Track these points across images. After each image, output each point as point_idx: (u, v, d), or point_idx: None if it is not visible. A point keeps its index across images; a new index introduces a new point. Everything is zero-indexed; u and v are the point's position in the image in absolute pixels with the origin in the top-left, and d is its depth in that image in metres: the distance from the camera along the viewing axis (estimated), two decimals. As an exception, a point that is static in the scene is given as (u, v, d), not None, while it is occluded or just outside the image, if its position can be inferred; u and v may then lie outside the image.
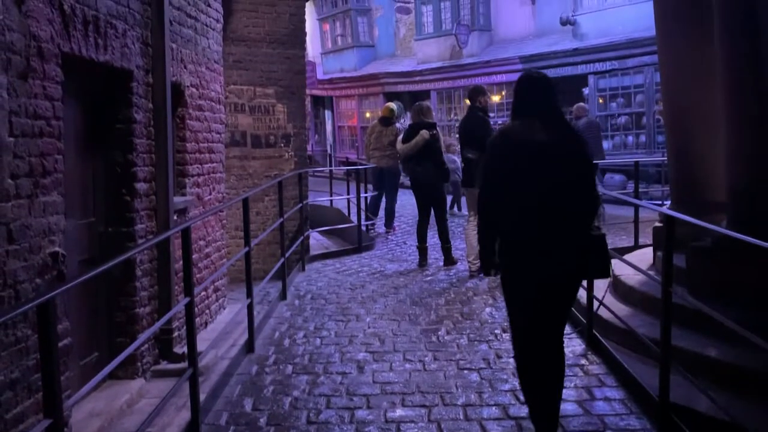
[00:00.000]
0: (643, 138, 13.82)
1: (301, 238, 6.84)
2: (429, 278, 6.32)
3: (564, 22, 14.39)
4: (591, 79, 14.33)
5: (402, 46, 19.14)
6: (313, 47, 22.51)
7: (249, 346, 4.38)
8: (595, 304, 4.36)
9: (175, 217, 4.32)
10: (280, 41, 7.38)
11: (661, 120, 14.37)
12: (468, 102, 6.23)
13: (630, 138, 14.11)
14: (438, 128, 6.97)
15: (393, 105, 9.76)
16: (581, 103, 10.87)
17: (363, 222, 8.34)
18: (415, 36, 17.97)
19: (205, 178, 5.11)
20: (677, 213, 3.64)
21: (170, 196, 4.08)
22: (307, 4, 23.80)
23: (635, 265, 4.26)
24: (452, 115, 17.49)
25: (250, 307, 4.42)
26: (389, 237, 9.00)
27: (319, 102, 21.81)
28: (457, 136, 6.86)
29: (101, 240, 3.71)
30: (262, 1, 7.30)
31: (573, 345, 4.31)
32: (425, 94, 17.73)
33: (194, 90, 4.85)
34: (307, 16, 24.39)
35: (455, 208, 11.24)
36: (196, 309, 4.99)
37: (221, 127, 5.56)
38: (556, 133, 2.79)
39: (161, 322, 3.53)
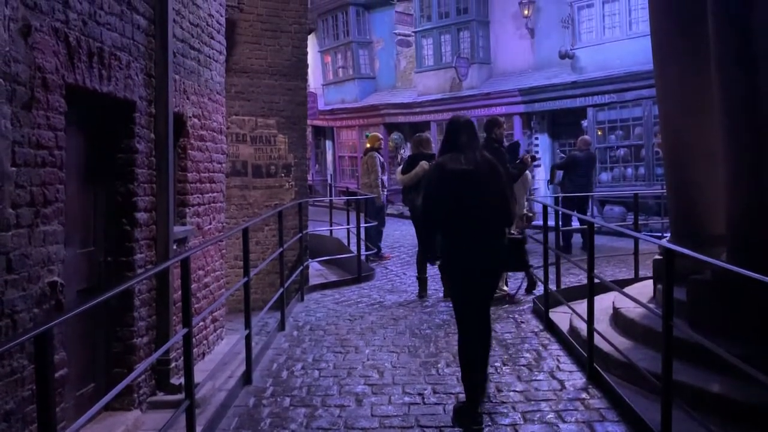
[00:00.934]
0: (642, 170, 13.89)
1: (301, 267, 6.82)
2: (428, 309, 6.28)
3: (563, 56, 14.59)
4: (590, 112, 14.47)
5: (402, 78, 19.38)
6: (314, 79, 22.78)
7: (246, 378, 4.34)
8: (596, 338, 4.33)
9: (175, 247, 4.33)
10: (282, 73, 7.48)
11: (660, 152, 14.53)
12: (484, 133, 6.39)
13: (629, 170, 14.18)
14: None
15: (377, 134, 9.95)
16: (585, 137, 10.97)
17: (363, 252, 8.33)
18: (415, 68, 18.20)
19: (206, 207, 5.12)
20: (676, 246, 3.65)
21: (170, 226, 4.08)
22: (309, 37, 24.11)
23: (635, 298, 4.24)
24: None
25: (248, 339, 4.38)
26: (388, 267, 8.98)
27: (320, 132, 21.99)
28: None
29: (100, 269, 3.71)
30: (264, 34, 7.42)
31: (573, 378, 4.27)
32: (425, 126, 17.87)
33: (196, 120, 4.90)
34: (308, 48, 24.52)
35: None
36: (193, 340, 4.98)
37: (222, 157, 5.60)
38: (474, 163, 3.68)
39: (159, 353, 3.50)
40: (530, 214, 7.29)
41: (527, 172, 6.99)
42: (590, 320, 4.29)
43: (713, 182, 5.09)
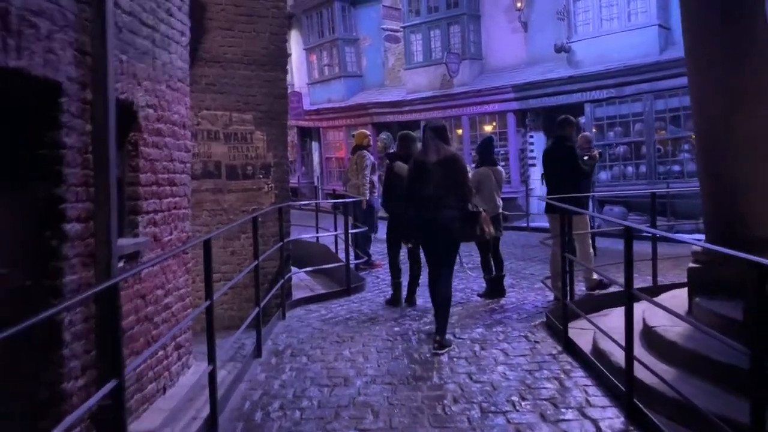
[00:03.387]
0: (643, 168, 13.23)
1: (281, 281, 6.03)
2: (428, 327, 5.52)
3: (559, 49, 13.91)
4: (587, 108, 13.79)
5: (391, 76, 18.63)
6: (299, 78, 22.02)
7: (211, 423, 3.55)
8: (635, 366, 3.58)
9: (122, 264, 3.54)
10: (260, 62, 6.70)
11: (661, 149, 13.89)
12: (544, 132, 6.53)
13: (629, 168, 13.52)
14: None
15: (364, 131, 9.25)
16: (586, 134, 10.26)
17: (352, 261, 7.56)
18: (404, 65, 17.46)
19: (165, 215, 4.33)
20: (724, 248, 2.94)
21: (112, 239, 3.28)
22: (294, 34, 23.39)
23: (681, 316, 3.52)
24: (443, 146, 16.86)
25: (212, 376, 3.60)
26: (379, 276, 8.21)
27: (306, 133, 21.18)
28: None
29: (16, 297, 2.91)
30: (239, 19, 6.63)
31: (609, 417, 3.52)
32: (415, 125, 17.11)
33: (151, 111, 4.11)
34: (293, 47, 23.93)
35: None
36: (151, 372, 4.18)
37: (187, 155, 4.81)
38: (442, 156, 4.99)
39: (96, 398, 2.71)
40: (503, 213, 7.06)
41: (499, 168, 6.91)
42: (629, 346, 3.54)
43: (759, 177, 4.40)
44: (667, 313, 3.72)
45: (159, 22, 4.23)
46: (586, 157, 6.71)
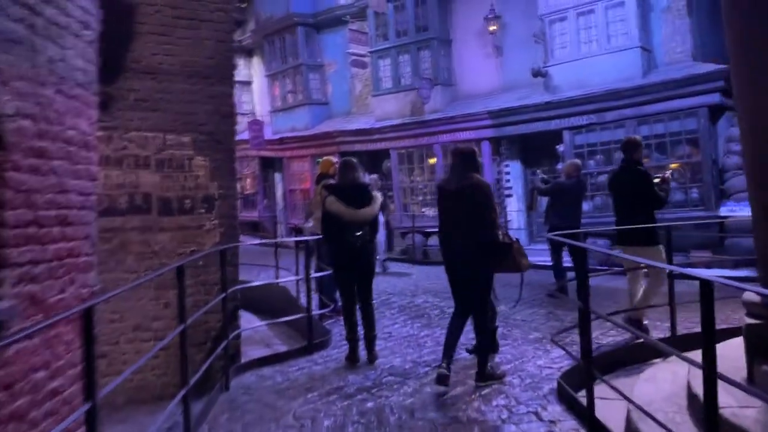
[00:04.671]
0: (628, 198, 12.40)
1: (224, 343, 4.83)
2: (410, 400, 4.37)
3: (536, 74, 13.17)
4: (566, 135, 13.01)
5: (358, 103, 17.69)
6: (261, 105, 20.94)
7: None
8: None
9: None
10: (202, 75, 5.58)
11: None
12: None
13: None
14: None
15: (330, 158, 8.13)
16: (575, 161, 9.38)
17: (315, 310, 6.38)
18: (372, 92, 16.54)
19: (50, 267, 3.13)
20: None
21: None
22: (255, 61, 22.37)
23: (755, 392, 2.47)
24: (414, 176, 15.89)
25: None
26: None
27: (269, 164, 20.01)
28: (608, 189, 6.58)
29: None
30: (177, 23, 5.52)
31: None
32: (384, 153, 16.17)
33: (27, 123, 2.94)
34: (255, 73, 22.87)
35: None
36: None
37: (90, 185, 3.62)
38: (461, 184, 4.69)
39: None
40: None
41: None
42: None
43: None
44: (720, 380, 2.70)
45: (43, 4, 3.10)
46: (656, 180, 5.92)
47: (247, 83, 21.42)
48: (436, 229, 5.10)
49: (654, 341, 3.83)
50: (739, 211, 10.25)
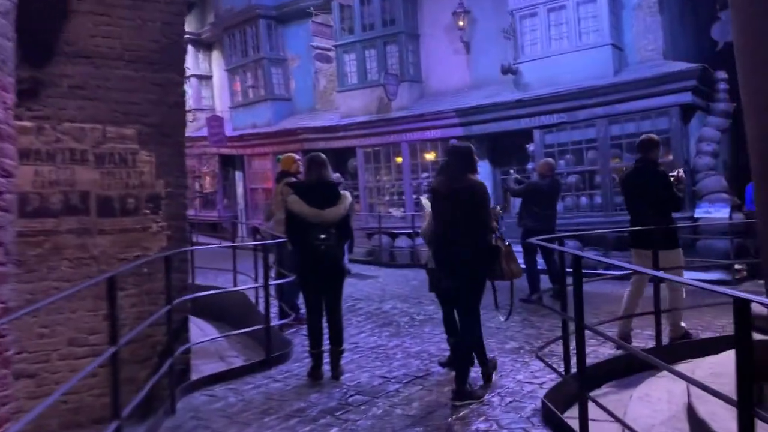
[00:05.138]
0: (598, 199, 12.19)
1: (170, 361, 4.28)
2: (380, 424, 3.90)
3: (505, 71, 12.83)
4: (536, 134, 12.71)
5: (322, 99, 17.13)
6: (221, 101, 20.20)
7: None
8: None
9: None
10: (147, 60, 5.00)
11: (617, 178, 12.91)
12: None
13: (583, 199, 12.45)
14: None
15: (292, 155, 7.60)
16: (549, 159, 9.04)
17: (275, 320, 5.86)
18: (337, 87, 16.01)
19: (-58, 282, 2.57)
20: None
21: None
22: (215, 54, 21.56)
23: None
24: (381, 176, 15.42)
25: None
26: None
27: (229, 162, 19.29)
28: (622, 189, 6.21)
29: None
30: (119, 2, 4.93)
31: None
32: (350, 151, 15.66)
33: None
34: (214, 68, 22.03)
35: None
36: None
37: (4, 182, 3.05)
38: (458, 185, 4.35)
39: None
40: None
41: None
42: None
43: None
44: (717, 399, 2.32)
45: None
46: (674, 182, 5.60)
47: (207, 77, 20.64)
48: (403, 231, 4.79)
49: (648, 356, 3.47)
50: (714, 212, 10.09)
